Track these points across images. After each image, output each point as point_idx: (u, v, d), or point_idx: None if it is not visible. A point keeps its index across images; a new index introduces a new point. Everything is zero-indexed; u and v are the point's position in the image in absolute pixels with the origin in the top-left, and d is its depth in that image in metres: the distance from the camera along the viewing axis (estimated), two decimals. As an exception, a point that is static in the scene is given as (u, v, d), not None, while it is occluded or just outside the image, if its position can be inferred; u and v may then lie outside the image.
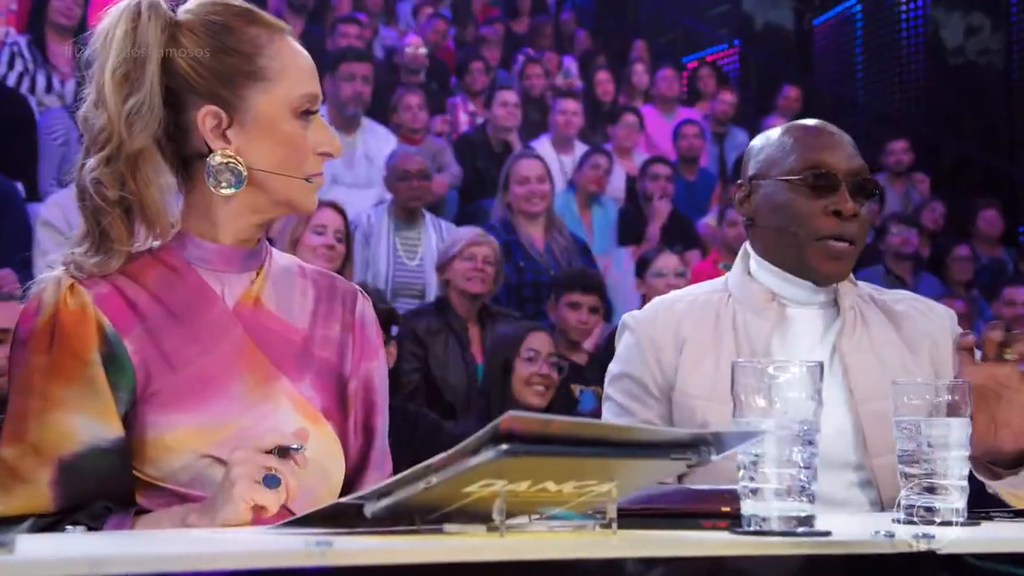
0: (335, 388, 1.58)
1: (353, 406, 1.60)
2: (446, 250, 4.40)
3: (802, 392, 1.23)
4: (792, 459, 1.20)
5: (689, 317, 1.94)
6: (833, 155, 1.90)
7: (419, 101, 6.14)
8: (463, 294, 4.30)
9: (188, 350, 1.48)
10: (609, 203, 6.24)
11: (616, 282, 5.39)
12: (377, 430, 1.63)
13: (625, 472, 1.18)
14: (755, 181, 1.97)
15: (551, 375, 3.69)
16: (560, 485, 1.16)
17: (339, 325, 1.61)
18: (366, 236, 4.91)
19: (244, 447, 1.36)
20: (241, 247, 1.55)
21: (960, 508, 1.43)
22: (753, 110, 8.62)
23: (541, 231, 5.16)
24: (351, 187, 5.56)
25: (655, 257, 4.92)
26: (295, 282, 1.61)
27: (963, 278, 6.67)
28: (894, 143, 7.87)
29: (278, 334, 1.55)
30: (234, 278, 1.55)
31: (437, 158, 6.10)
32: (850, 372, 1.88)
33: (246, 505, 1.32)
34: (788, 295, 1.94)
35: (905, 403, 1.48)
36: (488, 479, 1.10)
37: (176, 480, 1.43)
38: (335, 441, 1.53)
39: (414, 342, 4.14)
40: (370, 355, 1.63)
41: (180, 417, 1.44)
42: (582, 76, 8.19)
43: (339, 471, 1.54)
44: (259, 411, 1.48)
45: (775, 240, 1.93)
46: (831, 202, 1.88)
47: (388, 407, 1.66)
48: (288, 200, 1.52)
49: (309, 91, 1.51)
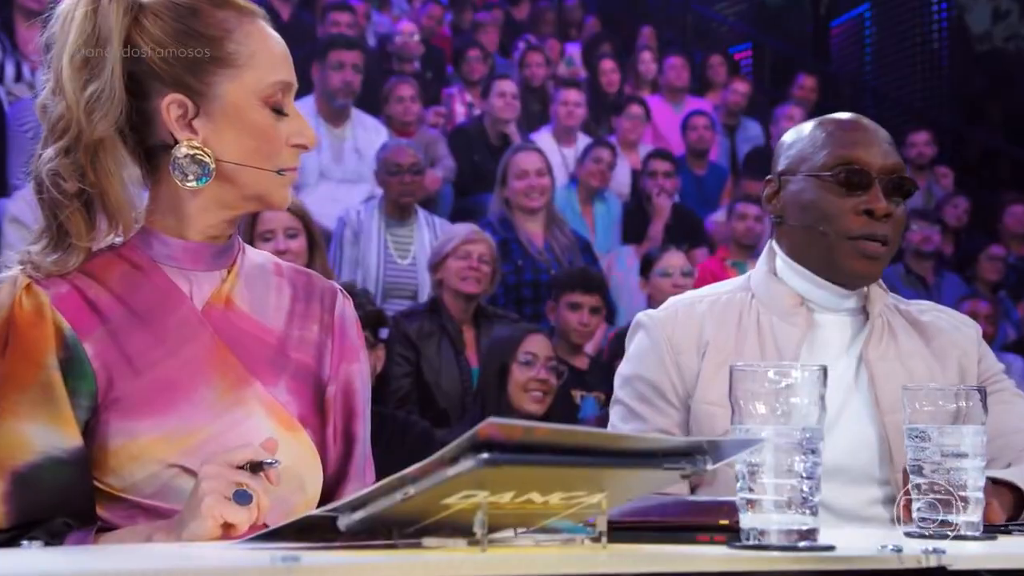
0: (312, 393, 1.57)
1: (332, 412, 1.59)
2: (439, 248, 4.39)
3: (804, 398, 1.22)
4: (793, 469, 1.19)
5: (711, 319, 1.93)
6: (867, 151, 1.89)
7: (412, 91, 6.13)
8: (457, 295, 4.30)
9: (153, 353, 1.47)
10: (613, 199, 6.23)
11: (620, 282, 5.39)
12: (358, 437, 1.62)
13: (615, 482, 1.17)
14: (784, 177, 1.96)
15: (550, 380, 3.68)
16: (546, 496, 1.15)
17: (317, 326, 1.60)
18: (355, 234, 4.91)
19: (215, 461, 1.35)
20: (211, 243, 1.54)
21: (976, 521, 1.43)
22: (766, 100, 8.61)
23: (541, 228, 5.16)
24: (339, 182, 5.56)
25: (660, 255, 4.91)
26: (270, 280, 1.60)
27: (991, 278, 6.66)
28: (915, 134, 7.85)
29: (251, 335, 1.54)
30: (203, 276, 1.54)
31: (431, 151, 6.09)
32: (876, 381, 1.88)
33: (215, 522, 1.31)
34: (816, 299, 1.93)
35: (917, 410, 1.47)
36: (468, 490, 1.09)
37: (140, 491, 1.42)
38: (312, 449, 1.52)
39: (405, 345, 4.14)
40: (351, 357, 1.62)
41: (144, 424, 1.43)
42: (586, 65, 8.18)
43: (316, 481, 1.53)
44: (229, 417, 1.47)
45: (804, 240, 1.92)
46: (863, 201, 1.87)
47: (371, 413, 1.64)
48: (259, 194, 1.51)
49: (281, 78, 1.50)
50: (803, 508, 1.20)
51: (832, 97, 8.90)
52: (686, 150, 7.09)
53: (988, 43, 9.93)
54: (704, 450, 1.17)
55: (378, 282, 4.86)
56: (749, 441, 1.19)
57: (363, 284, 4.72)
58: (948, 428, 1.44)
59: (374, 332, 3.33)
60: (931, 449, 1.44)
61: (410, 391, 4.09)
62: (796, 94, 8.11)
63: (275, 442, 1.41)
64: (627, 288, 5.36)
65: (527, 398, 3.64)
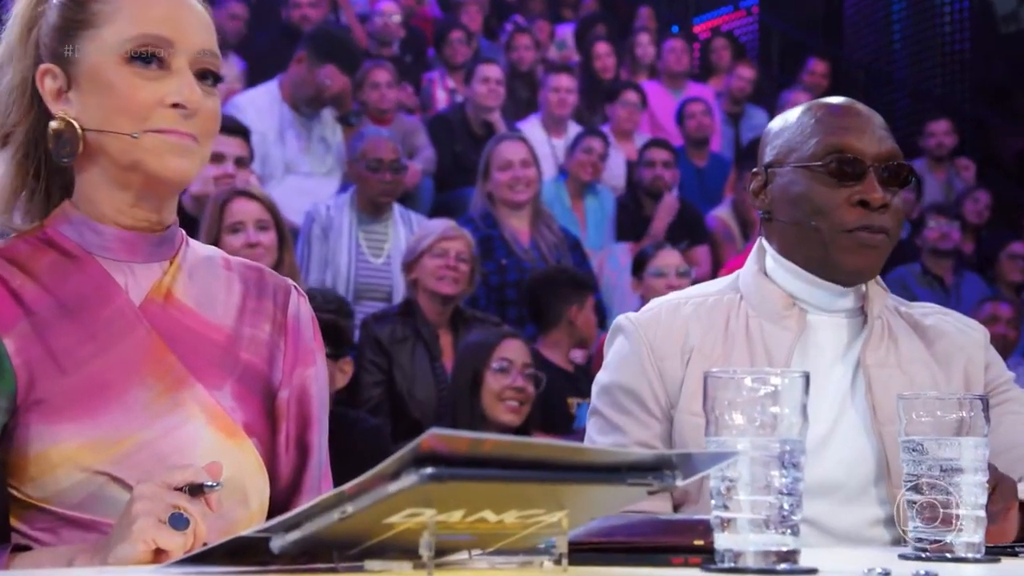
0: (261, 398, 1.55)
1: (284, 419, 1.58)
2: (414, 245, 4.38)
3: (785, 407, 1.21)
4: (771, 484, 1.18)
5: (697, 322, 1.92)
6: (859, 138, 1.88)
7: (388, 77, 6.12)
8: (433, 296, 4.28)
9: (82, 350, 1.45)
10: (605, 193, 6.22)
11: (612, 282, 5.38)
12: (313, 447, 1.61)
13: (576, 500, 1.16)
14: (771, 169, 1.94)
15: (527, 389, 3.67)
16: (500, 515, 1.13)
17: (269, 325, 1.59)
18: (324, 230, 4.89)
19: (152, 480, 1.33)
20: (147, 232, 1.53)
21: (976, 542, 1.42)
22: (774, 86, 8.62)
23: (526, 224, 5.15)
24: (307, 175, 5.54)
25: (655, 253, 4.90)
26: (218, 274, 1.59)
27: (1014, 279, 6.66)
28: (935, 124, 7.87)
29: (195, 332, 1.52)
30: (142, 269, 1.52)
31: (409, 141, 6.08)
32: (874, 389, 1.86)
33: (146, 547, 1.28)
34: (809, 299, 1.91)
35: (914, 420, 1.46)
36: (413, 508, 1.08)
37: (64, 502, 1.40)
38: (256, 459, 1.51)
39: (376, 351, 4.12)
40: (306, 361, 1.61)
41: (69, 428, 1.41)
42: (578, 48, 8.18)
43: (260, 493, 1.51)
44: (165, 423, 1.45)
45: (794, 236, 1.91)
46: (856, 191, 1.86)
47: (345, 419, 1.63)
48: (133, 163, 1.48)
49: (144, 31, 1.47)
50: (782, 527, 1.19)
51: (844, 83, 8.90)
52: (684, 140, 7.09)
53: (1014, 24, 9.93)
54: (673, 464, 1.16)
55: (349, 283, 4.84)
56: (723, 455, 1.18)
57: (332, 285, 4.71)
58: (947, 440, 1.43)
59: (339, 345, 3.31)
60: (928, 463, 1.43)
61: (381, 401, 4.07)
62: (806, 80, 8.12)
63: (219, 466, 1.38)
64: (620, 289, 5.35)
65: (502, 408, 3.63)
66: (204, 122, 1.50)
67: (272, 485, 1.54)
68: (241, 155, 4.28)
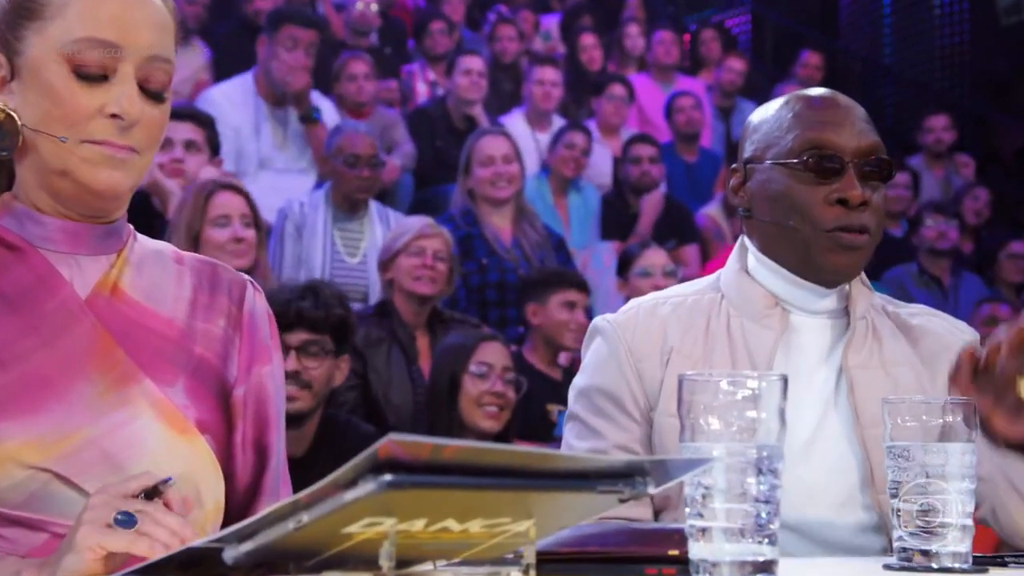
0: (215, 395, 1.55)
1: (240, 418, 1.57)
2: (389, 244, 4.37)
3: (763, 411, 1.20)
4: (747, 492, 1.18)
5: (676, 322, 1.92)
6: (838, 132, 1.87)
7: (366, 69, 6.11)
8: (409, 296, 4.27)
9: (23, 343, 1.44)
10: (590, 190, 6.22)
11: (595, 282, 5.37)
12: (271, 449, 1.61)
13: (544, 508, 1.15)
14: (750, 165, 1.94)
15: (507, 394, 3.66)
16: (464, 524, 1.13)
17: (224, 320, 1.59)
18: (298, 228, 4.87)
19: (106, 489, 1.32)
20: (93, 224, 1.52)
21: (963, 552, 1.41)
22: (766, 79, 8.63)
23: (508, 222, 5.14)
24: (282, 171, 5.52)
25: (640, 253, 4.90)
26: (168, 268, 1.59)
27: (1014, 279, 6.67)
28: (933, 119, 7.89)
29: (145, 327, 1.52)
30: (88, 261, 1.52)
31: (387, 135, 6.07)
32: (856, 392, 1.86)
33: (92, 554, 1.27)
34: (792, 299, 1.91)
35: (899, 425, 1.46)
36: (372, 517, 1.07)
37: (5, 502, 1.39)
38: (210, 457, 1.50)
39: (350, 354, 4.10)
40: (262, 358, 1.61)
41: (10, 426, 1.40)
42: (564, 39, 8.18)
43: (215, 493, 1.51)
44: (111, 419, 1.44)
45: (774, 235, 1.91)
46: (835, 189, 1.86)
47: (321, 418, 1.63)
48: (64, 170, 1.47)
49: (91, 34, 1.45)
50: (759, 536, 1.18)
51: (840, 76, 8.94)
52: (673, 135, 7.09)
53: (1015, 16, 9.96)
54: (645, 471, 1.15)
55: (323, 283, 4.83)
56: (697, 461, 1.17)
57: (307, 285, 4.68)
58: (933, 446, 1.43)
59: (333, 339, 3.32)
60: (913, 470, 1.42)
61: (355, 406, 4.05)
62: (799, 73, 8.14)
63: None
64: (603, 289, 5.35)
65: (480, 414, 3.61)
66: (146, 133, 1.49)
67: (229, 486, 1.54)
68: (192, 139, 4.27)
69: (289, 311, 3.16)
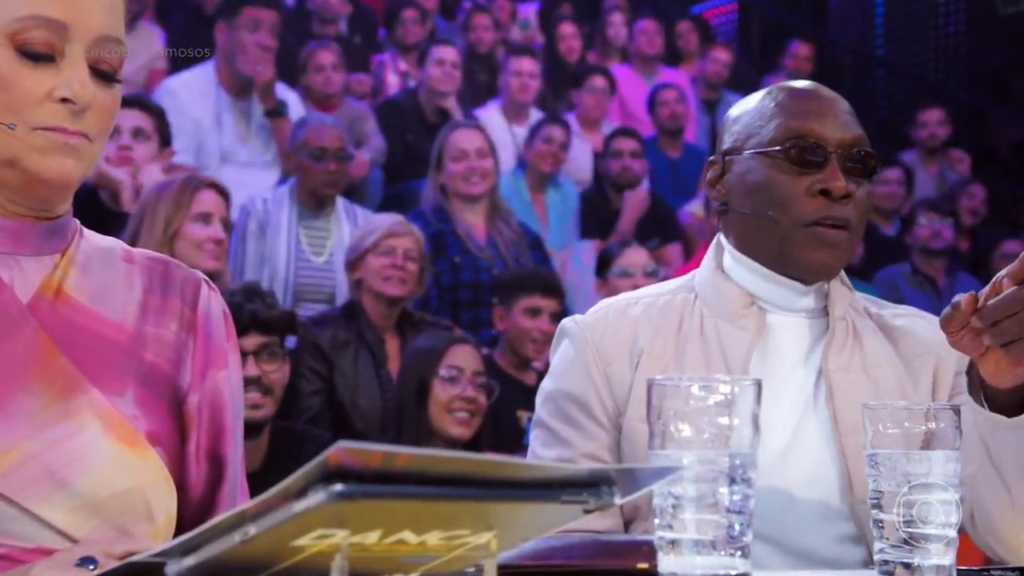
0: (168, 404, 1.53)
1: (195, 427, 1.56)
2: (357, 242, 4.36)
3: (735, 417, 1.20)
4: (719, 502, 1.18)
5: (647, 323, 1.92)
6: (822, 123, 1.88)
7: (334, 59, 6.11)
8: (378, 297, 4.26)
9: None
10: (568, 186, 6.23)
11: (575, 283, 5.38)
12: (228, 459, 1.59)
13: (506, 519, 1.15)
14: (729, 157, 1.95)
15: (478, 399, 3.66)
16: (422, 536, 1.12)
17: (176, 323, 1.57)
18: (262, 226, 4.86)
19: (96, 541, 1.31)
20: (35, 221, 1.50)
21: (947, 565, 1.41)
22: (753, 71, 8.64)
23: (482, 220, 5.14)
24: (245, 165, 5.51)
25: (620, 252, 4.90)
26: (117, 267, 1.57)
27: (1009, 280, 6.69)
28: (927, 113, 7.92)
29: (91, 333, 1.50)
30: (29, 262, 1.50)
31: (356, 128, 6.06)
32: (835, 396, 1.86)
33: None
34: (769, 298, 1.92)
35: (880, 432, 1.46)
36: (323, 529, 1.06)
37: None
38: (162, 470, 1.49)
39: (315, 357, 4.10)
40: (218, 363, 1.59)
41: None
42: (542, 29, 8.18)
43: (167, 507, 1.49)
44: (54, 432, 1.42)
45: (752, 228, 1.91)
46: (817, 179, 1.86)
47: (278, 429, 1.62)
48: (11, 159, 1.44)
49: (36, 12, 1.43)
50: (731, 548, 1.19)
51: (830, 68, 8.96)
52: (657, 129, 7.10)
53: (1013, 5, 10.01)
54: (612, 480, 1.15)
55: (288, 283, 4.82)
56: (665, 469, 1.17)
57: (270, 286, 4.68)
58: (916, 454, 1.43)
59: (281, 340, 3.30)
60: (895, 479, 1.42)
61: (321, 411, 4.05)
62: (788, 64, 8.16)
63: None
64: (583, 290, 5.35)
65: (450, 420, 3.61)
66: (98, 119, 1.47)
67: (182, 498, 1.53)
68: (140, 127, 4.26)
69: (242, 314, 3.15)
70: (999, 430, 1.65)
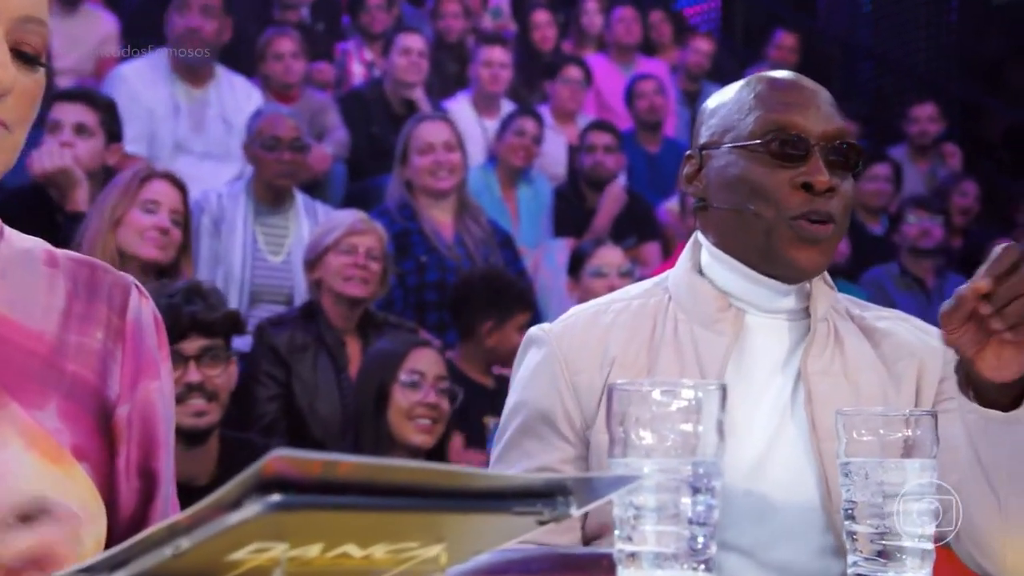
0: (94, 417, 1.52)
1: (124, 441, 1.54)
2: (317, 240, 4.35)
3: (699, 424, 1.20)
4: (681, 513, 1.17)
5: (618, 331, 1.92)
6: (804, 114, 1.89)
7: (294, 46, 6.10)
8: (339, 298, 4.25)
9: None
10: (542, 181, 6.23)
11: (548, 283, 5.39)
12: (160, 475, 1.57)
13: (456, 531, 1.14)
14: (706, 151, 1.95)
15: (440, 406, 3.65)
16: (367, 549, 1.11)
17: (102, 331, 1.55)
18: (216, 222, 4.84)
19: None
20: None
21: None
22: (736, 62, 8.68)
23: (450, 217, 5.13)
24: (201, 157, 5.49)
25: (593, 251, 4.91)
26: (38, 271, 1.54)
27: (1002, 280, 6.71)
28: (918, 107, 7.96)
29: (9, 343, 1.48)
30: None
31: (318, 120, 6.06)
32: (814, 401, 1.86)
33: None
34: (747, 298, 1.92)
35: (855, 440, 1.46)
36: (261, 542, 1.06)
37: None
38: (90, 488, 1.47)
39: (273, 361, 4.08)
40: (149, 372, 1.57)
41: None
42: (515, 16, 8.19)
43: (96, 527, 1.48)
44: None
45: (732, 224, 1.91)
46: (800, 173, 1.87)
47: (232, 439, 1.60)
48: None
49: None
50: (694, 562, 1.18)
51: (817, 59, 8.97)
52: (635, 122, 7.11)
53: (1007, -5, 10.08)
54: (568, 490, 1.14)
55: (243, 283, 4.80)
56: (624, 478, 1.16)
57: (224, 285, 4.66)
58: (891, 463, 1.43)
59: (227, 341, 3.28)
60: (869, 488, 1.43)
61: (278, 418, 4.04)
62: (772, 55, 8.18)
63: None
64: (557, 291, 5.35)
65: (412, 427, 3.60)
66: (18, 105, 1.44)
67: (111, 517, 1.51)
68: (83, 122, 4.25)
69: (181, 317, 3.13)
70: (992, 427, 1.65)
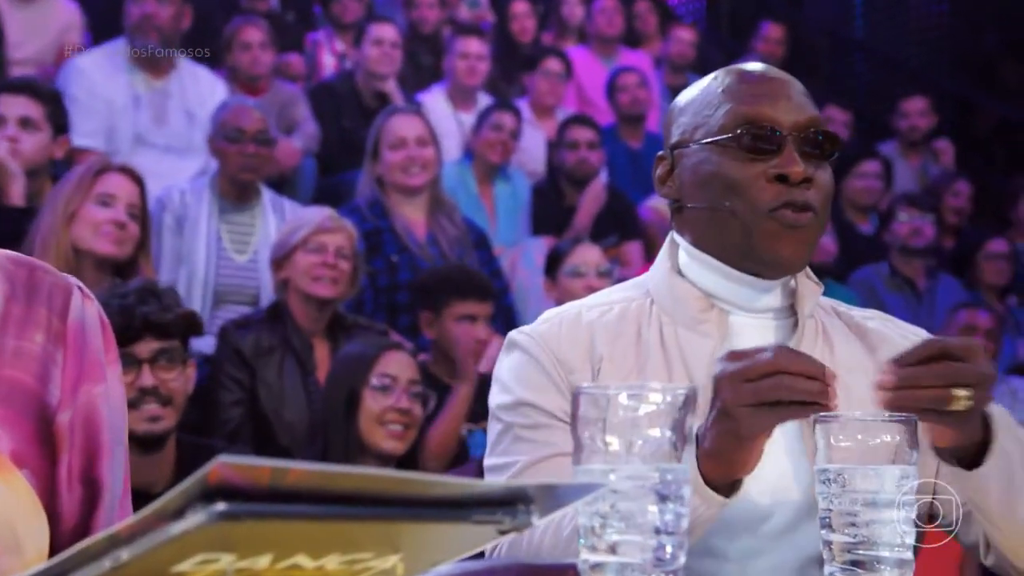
0: (33, 422, 1.51)
1: (66, 448, 1.53)
2: (285, 238, 4.34)
3: (666, 429, 1.20)
4: (647, 522, 1.17)
5: (604, 330, 1.92)
6: (774, 106, 1.90)
7: (262, 36, 6.08)
8: (307, 299, 4.24)
9: None
10: (519, 178, 6.23)
11: (526, 283, 5.38)
12: (104, 482, 1.57)
13: (413, 541, 1.14)
14: (678, 150, 1.96)
15: (413, 411, 3.64)
16: (319, 560, 1.11)
17: (42, 335, 1.54)
18: (179, 220, 4.82)
19: None
20: None
21: (901, 588, 1.42)
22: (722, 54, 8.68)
23: (423, 214, 5.12)
24: (163, 151, 5.47)
25: (571, 249, 4.90)
26: None
27: (997, 281, 6.73)
28: (909, 101, 7.97)
29: None
30: None
31: (287, 113, 6.04)
32: None
33: None
34: (730, 297, 1.92)
35: (832, 446, 1.46)
36: (207, 553, 1.05)
37: None
38: (29, 495, 1.46)
39: (237, 364, 4.07)
40: (92, 376, 1.57)
41: None
42: (492, 6, 8.18)
43: (38, 537, 1.47)
44: None
45: (708, 222, 1.92)
46: (773, 165, 1.87)
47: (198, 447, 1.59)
48: None
49: None
50: (660, 573, 1.18)
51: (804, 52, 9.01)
52: (616, 116, 7.11)
53: (1002, -12, 10.11)
54: (529, 497, 1.14)
55: (207, 283, 4.78)
56: (588, 486, 1.16)
57: (187, 285, 4.65)
58: (868, 469, 1.43)
59: (184, 343, 3.27)
60: (846, 496, 1.43)
61: (242, 424, 4.03)
62: (759, 47, 8.20)
63: None
64: (535, 292, 5.34)
65: (383, 433, 3.59)
66: None
67: (54, 527, 1.50)
68: (27, 116, 4.24)
69: (134, 318, 3.12)
70: (964, 477, 1.69)
